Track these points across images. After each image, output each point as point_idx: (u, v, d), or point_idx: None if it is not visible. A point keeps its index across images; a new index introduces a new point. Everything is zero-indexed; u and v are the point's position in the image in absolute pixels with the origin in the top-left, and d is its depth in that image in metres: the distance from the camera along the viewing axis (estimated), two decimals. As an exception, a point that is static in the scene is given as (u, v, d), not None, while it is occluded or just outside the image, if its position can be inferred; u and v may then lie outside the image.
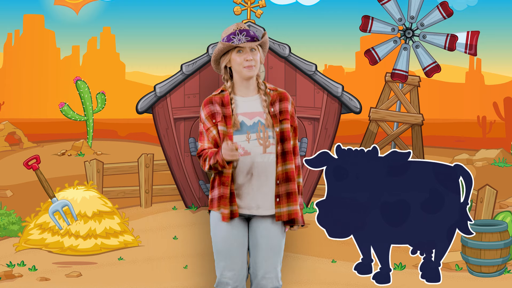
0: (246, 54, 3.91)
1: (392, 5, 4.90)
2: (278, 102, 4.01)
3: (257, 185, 3.96)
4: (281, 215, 3.95)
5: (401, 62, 4.93)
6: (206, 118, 4.00)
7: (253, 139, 3.94)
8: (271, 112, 3.97)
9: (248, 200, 3.96)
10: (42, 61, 4.89)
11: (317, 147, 4.93)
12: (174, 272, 4.80)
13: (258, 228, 4.01)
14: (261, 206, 3.97)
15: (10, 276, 4.75)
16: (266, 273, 4.00)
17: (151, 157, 4.94)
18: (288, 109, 4.00)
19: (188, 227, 4.88)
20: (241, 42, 3.90)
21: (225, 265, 4.00)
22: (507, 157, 5.00)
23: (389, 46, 4.94)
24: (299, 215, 4.00)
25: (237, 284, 4.01)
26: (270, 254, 4.00)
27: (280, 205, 3.96)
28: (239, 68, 3.94)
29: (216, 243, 4.04)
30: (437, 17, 4.88)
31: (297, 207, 3.97)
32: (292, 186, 3.96)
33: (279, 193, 3.96)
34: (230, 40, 3.91)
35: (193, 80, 4.87)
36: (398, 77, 4.92)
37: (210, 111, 3.99)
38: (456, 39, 4.83)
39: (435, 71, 4.90)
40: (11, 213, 4.85)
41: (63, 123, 4.89)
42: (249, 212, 3.98)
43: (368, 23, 4.86)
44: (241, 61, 3.92)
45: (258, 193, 3.97)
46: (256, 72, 3.97)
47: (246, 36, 3.92)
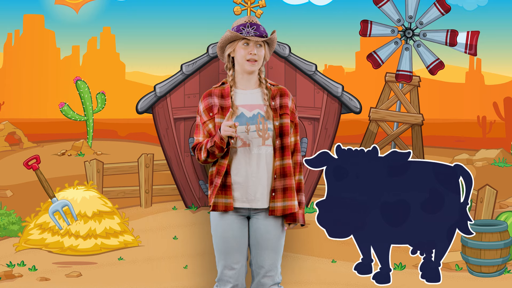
0: (251, 48, 3.94)
1: (390, 6, 4.90)
2: (278, 97, 4.03)
3: (255, 177, 3.96)
4: (275, 209, 3.95)
5: (404, 62, 4.93)
6: (204, 111, 4.01)
7: (252, 131, 3.96)
8: (271, 106, 3.99)
9: (246, 192, 3.96)
10: (42, 61, 4.89)
11: (317, 147, 4.93)
12: (174, 272, 4.80)
13: (259, 227, 4.02)
14: (260, 199, 3.98)
15: (10, 276, 4.75)
16: (267, 272, 4.02)
17: (151, 157, 4.94)
18: (288, 105, 4.02)
19: (188, 227, 4.88)
20: (249, 34, 3.91)
21: (225, 264, 4.02)
22: (507, 157, 5.00)
23: (391, 48, 4.94)
24: (295, 210, 3.99)
25: (238, 282, 4.04)
26: (271, 253, 4.02)
27: (275, 200, 3.96)
28: (242, 61, 3.96)
29: (216, 242, 4.05)
30: (435, 14, 4.88)
31: (293, 202, 3.96)
32: (288, 181, 3.96)
33: (275, 188, 3.96)
34: (239, 31, 3.94)
35: (193, 80, 4.87)
36: (403, 78, 4.92)
37: (208, 104, 4.00)
38: (456, 34, 4.84)
39: (439, 67, 4.90)
40: (11, 213, 4.85)
41: (63, 123, 4.89)
42: (248, 205, 3.97)
43: (367, 28, 4.86)
44: (245, 53, 3.94)
45: (257, 185, 3.97)
46: (258, 67, 3.98)
47: (256, 30, 3.94)
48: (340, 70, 4.96)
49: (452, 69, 4.97)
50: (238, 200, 3.98)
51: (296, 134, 4.07)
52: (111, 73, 4.90)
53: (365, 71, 4.95)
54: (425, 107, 4.97)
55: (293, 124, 4.04)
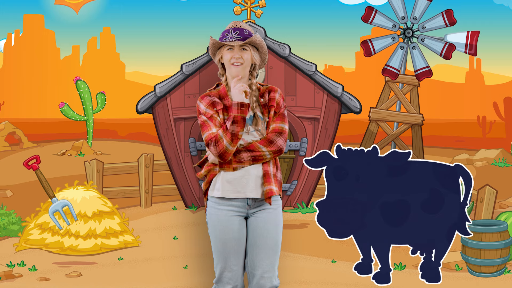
0: (235, 52, 3.96)
1: (398, 2, 4.90)
2: (267, 93, 4.05)
3: (254, 172, 3.97)
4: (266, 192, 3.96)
5: (395, 59, 4.95)
6: (207, 107, 3.99)
7: (252, 131, 3.98)
8: (261, 103, 4.02)
9: (246, 184, 3.96)
10: (42, 61, 4.90)
11: (317, 147, 4.93)
12: (174, 272, 4.80)
13: (256, 227, 4.01)
14: (259, 188, 3.98)
15: (10, 276, 4.75)
16: (264, 272, 4.00)
17: (151, 157, 4.94)
18: (275, 97, 4.03)
19: (188, 227, 4.88)
20: (232, 40, 3.94)
21: (224, 266, 4.01)
22: (507, 157, 5.00)
23: (387, 41, 4.94)
24: (275, 194, 3.97)
25: (237, 283, 4.03)
26: (268, 253, 4.01)
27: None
28: (227, 65, 3.99)
29: (215, 244, 4.05)
30: (439, 23, 4.88)
31: (271, 187, 3.95)
32: (265, 167, 3.96)
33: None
34: (224, 37, 3.97)
35: (193, 80, 4.87)
36: (388, 74, 4.94)
37: (209, 101, 4.00)
38: (453, 49, 4.85)
39: (426, 75, 4.91)
40: (11, 213, 4.85)
41: (63, 123, 4.89)
42: (251, 195, 3.96)
43: (370, 15, 4.87)
44: (230, 58, 3.97)
45: (256, 178, 3.97)
46: (243, 71, 3.99)
47: (239, 35, 3.96)
48: (340, 70, 4.96)
49: (452, 69, 4.97)
50: (239, 192, 3.97)
51: (279, 121, 4.02)
52: (111, 73, 4.90)
53: (365, 71, 4.95)
54: (425, 107, 4.97)
55: (277, 113, 4.02)
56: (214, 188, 4.00)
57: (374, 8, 4.88)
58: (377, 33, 4.94)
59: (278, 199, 4.05)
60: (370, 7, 4.88)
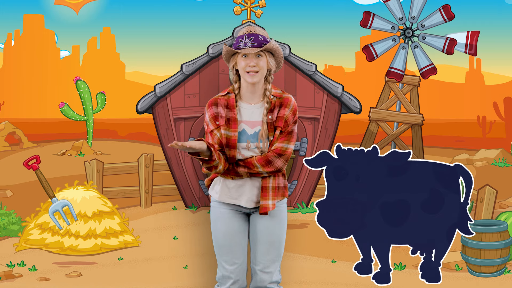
0: (249, 60, 3.88)
1: (395, 3, 4.90)
2: (277, 109, 3.96)
3: (253, 183, 3.96)
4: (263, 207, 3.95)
5: (398, 61, 4.94)
6: (210, 120, 3.97)
7: (253, 148, 3.94)
8: (268, 120, 3.94)
9: (242, 194, 3.96)
10: (42, 61, 4.90)
11: (317, 147, 4.93)
12: (174, 272, 4.80)
13: (258, 223, 4.01)
14: (255, 199, 3.97)
15: (10, 276, 4.75)
16: (265, 268, 4.01)
17: (151, 157, 4.94)
18: (283, 115, 3.94)
19: (188, 227, 4.88)
20: (247, 46, 3.87)
21: (226, 259, 4.01)
22: (507, 157, 5.00)
23: (388, 44, 4.94)
24: (269, 209, 3.96)
25: (239, 277, 4.03)
26: (269, 249, 4.01)
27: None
28: (242, 73, 3.92)
29: (217, 238, 4.04)
30: (438, 19, 4.88)
31: (266, 202, 3.94)
32: (263, 181, 3.96)
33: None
34: (238, 43, 3.90)
35: (193, 80, 4.87)
36: (393, 76, 4.93)
37: (214, 113, 3.96)
38: (455, 43, 4.84)
39: (431, 73, 4.91)
40: (11, 213, 4.85)
41: (63, 123, 4.89)
42: (252, 205, 3.96)
43: (369, 19, 4.87)
44: (244, 65, 3.89)
45: (254, 189, 3.96)
46: (259, 78, 3.91)
47: (253, 41, 3.88)
48: (340, 70, 4.96)
49: (452, 69, 4.97)
50: (240, 199, 3.98)
51: (284, 141, 3.96)
52: (111, 73, 4.91)
53: (365, 71, 4.95)
54: (425, 107, 4.97)
55: (283, 132, 3.95)
56: (213, 189, 4.00)
57: (372, 13, 4.87)
58: (377, 33, 4.93)
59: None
60: (367, 11, 4.87)
